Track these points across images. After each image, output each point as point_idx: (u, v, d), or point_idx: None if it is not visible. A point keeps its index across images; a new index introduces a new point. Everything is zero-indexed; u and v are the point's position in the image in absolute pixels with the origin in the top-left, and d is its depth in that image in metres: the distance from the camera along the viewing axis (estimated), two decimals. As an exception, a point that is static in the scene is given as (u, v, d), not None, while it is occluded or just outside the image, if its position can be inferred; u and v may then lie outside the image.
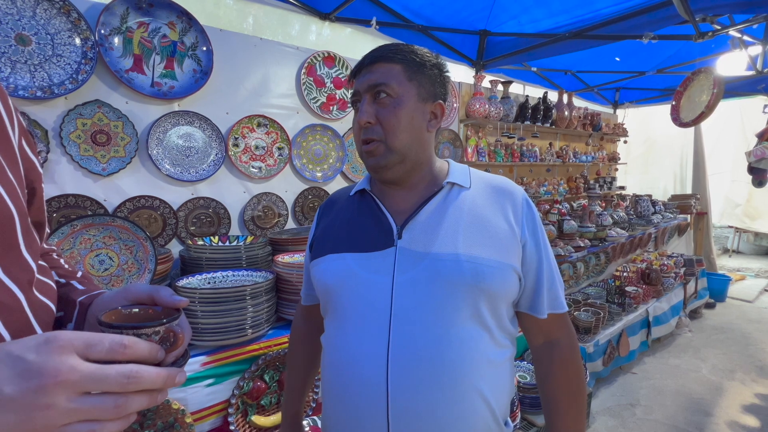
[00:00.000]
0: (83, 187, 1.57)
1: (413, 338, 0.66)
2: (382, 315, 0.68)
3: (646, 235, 3.75)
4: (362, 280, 0.71)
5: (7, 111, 0.49)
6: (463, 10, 2.62)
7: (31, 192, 0.54)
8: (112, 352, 0.37)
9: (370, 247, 0.72)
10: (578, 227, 2.97)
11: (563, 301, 0.77)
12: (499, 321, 0.72)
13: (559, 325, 0.78)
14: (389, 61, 0.71)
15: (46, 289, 0.50)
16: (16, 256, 0.44)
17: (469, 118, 2.95)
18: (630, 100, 4.84)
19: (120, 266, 1.15)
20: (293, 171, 2.17)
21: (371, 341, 0.68)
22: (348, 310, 0.72)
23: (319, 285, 0.78)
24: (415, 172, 0.75)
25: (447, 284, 0.67)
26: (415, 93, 0.72)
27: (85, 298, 0.55)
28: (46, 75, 1.46)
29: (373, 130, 0.71)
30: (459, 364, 0.66)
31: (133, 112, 1.65)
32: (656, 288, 3.26)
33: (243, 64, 1.93)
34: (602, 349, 2.57)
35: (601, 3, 2.34)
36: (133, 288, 0.52)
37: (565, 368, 0.77)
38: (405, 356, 0.66)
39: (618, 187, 4.65)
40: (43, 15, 1.43)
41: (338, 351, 0.73)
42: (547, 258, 0.76)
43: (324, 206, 0.88)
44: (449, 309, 0.67)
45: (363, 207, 0.79)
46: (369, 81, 0.71)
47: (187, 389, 1.19)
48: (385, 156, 0.71)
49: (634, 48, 2.97)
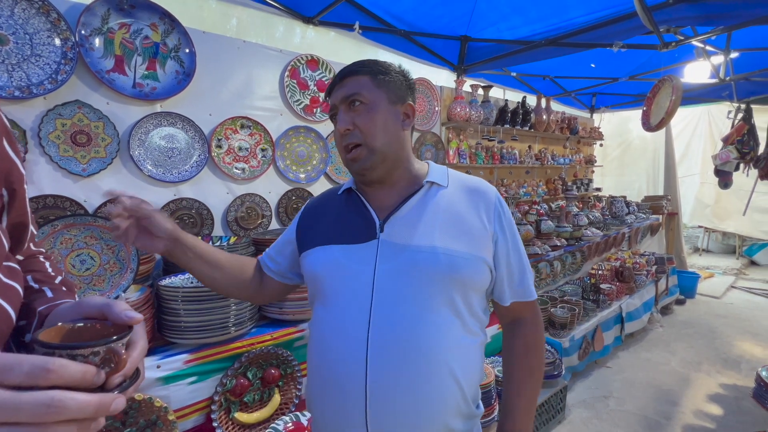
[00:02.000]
0: (62, 188, 1.56)
1: (391, 321, 0.73)
2: (364, 300, 0.74)
3: (620, 235, 3.90)
4: (347, 270, 0.77)
5: None
6: (444, 16, 2.69)
7: (11, 193, 0.53)
8: (32, 376, 0.32)
9: (355, 240, 0.79)
10: (555, 227, 3.07)
11: (532, 289, 0.86)
12: (470, 309, 0.78)
13: (526, 307, 0.86)
14: (356, 74, 0.79)
15: (8, 293, 0.48)
16: None
17: (451, 122, 3.02)
18: (606, 105, 5.02)
19: (102, 266, 1.16)
20: (277, 172, 2.19)
21: (353, 323, 0.74)
22: (333, 296, 0.78)
23: (308, 274, 0.84)
24: (395, 169, 0.82)
25: (424, 274, 0.74)
26: (385, 97, 0.79)
27: (44, 309, 0.52)
28: (25, 75, 1.45)
29: (353, 134, 0.77)
30: (432, 344, 0.73)
31: (114, 113, 1.65)
32: (629, 285, 3.40)
33: (226, 66, 1.95)
34: (578, 344, 2.67)
35: (574, 12, 2.45)
36: (86, 302, 0.48)
37: (525, 342, 0.85)
38: (383, 336, 0.72)
39: (594, 189, 4.82)
40: (22, 14, 1.42)
41: (323, 331, 0.79)
42: (516, 251, 0.83)
43: (310, 203, 0.94)
44: (425, 296, 0.74)
45: (349, 203, 0.86)
46: (342, 94, 0.79)
47: (169, 387, 1.21)
48: (368, 158, 0.78)
49: (608, 55, 3.10)
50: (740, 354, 3.21)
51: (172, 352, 1.24)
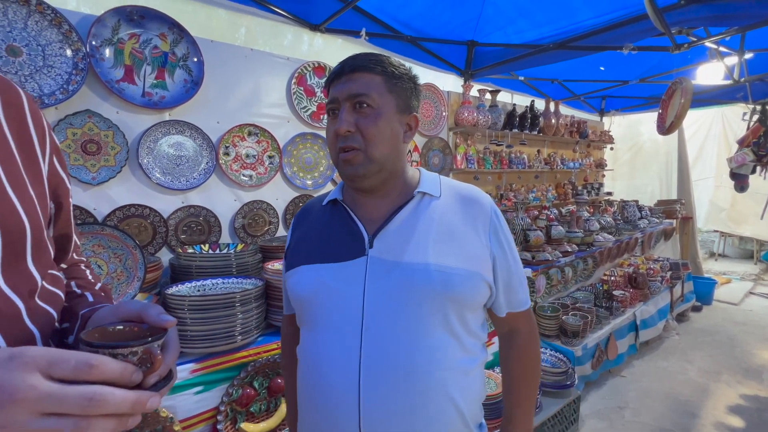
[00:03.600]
0: (73, 196, 1.58)
1: (384, 347, 0.68)
2: (354, 324, 0.69)
3: (633, 240, 3.82)
4: (334, 290, 0.72)
5: (39, 131, 0.53)
6: (451, 22, 2.69)
7: (58, 206, 0.57)
8: (77, 371, 0.35)
9: (342, 257, 0.73)
10: (566, 232, 3.02)
11: (527, 299, 0.84)
12: (467, 328, 0.74)
13: (521, 318, 0.84)
14: (370, 71, 0.71)
15: (52, 298, 0.52)
16: (21, 267, 0.47)
17: (458, 126, 3.01)
18: (616, 108, 4.96)
19: (109, 274, 1.16)
20: (284, 179, 2.19)
21: (343, 350, 0.69)
22: (321, 320, 0.73)
23: (293, 296, 0.78)
24: (389, 181, 0.77)
25: (417, 293, 0.69)
26: (394, 104, 0.73)
27: (86, 312, 0.56)
28: (37, 85, 1.47)
29: (353, 138, 0.71)
30: (429, 371, 0.68)
31: (123, 122, 1.66)
32: (643, 292, 3.32)
33: (234, 74, 1.96)
34: (591, 352, 2.60)
35: (583, 15, 2.42)
36: (124, 305, 0.52)
37: (521, 354, 0.83)
38: (376, 364, 0.67)
39: (605, 193, 4.74)
40: (35, 27, 1.45)
41: (311, 360, 0.74)
42: (516, 263, 0.81)
43: (298, 216, 0.89)
44: (419, 317, 0.69)
45: (335, 216, 0.80)
46: (350, 90, 0.70)
47: (175, 397, 1.20)
48: (364, 165, 0.71)
49: (618, 58, 3.07)
50: (762, 363, 3.10)
51: (178, 362, 1.23)
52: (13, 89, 0.52)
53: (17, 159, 0.49)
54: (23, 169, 0.49)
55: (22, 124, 0.51)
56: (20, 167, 0.49)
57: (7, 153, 0.47)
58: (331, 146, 0.75)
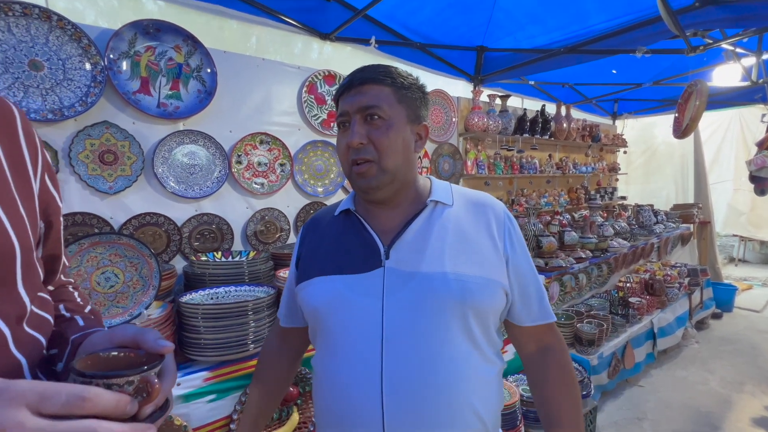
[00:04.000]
0: (90, 205, 1.62)
1: (406, 361, 0.67)
2: (374, 338, 0.68)
3: (649, 245, 3.74)
4: (352, 303, 0.71)
5: (30, 148, 0.52)
6: (460, 27, 2.69)
7: (48, 225, 0.55)
8: (69, 405, 0.33)
9: (358, 269, 0.73)
10: (579, 238, 2.97)
11: (551, 310, 0.80)
12: (487, 337, 0.73)
13: (549, 332, 0.80)
14: (379, 83, 0.72)
15: (40, 323, 0.50)
16: (10, 291, 0.45)
17: (468, 132, 3.00)
18: (628, 111, 4.88)
19: (125, 283, 1.18)
20: (295, 186, 2.21)
21: (364, 366, 0.68)
22: (338, 334, 0.72)
23: (307, 308, 0.77)
24: (402, 191, 0.77)
25: (436, 303, 0.68)
26: (405, 115, 0.74)
27: (78, 337, 0.53)
28: (57, 98, 1.51)
29: (366, 150, 0.71)
30: (452, 382, 0.67)
31: (139, 132, 1.70)
32: (660, 298, 3.24)
33: (246, 83, 1.99)
34: (607, 361, 2.54)
35: (595, 19, 2.40)
36: (119, 330, 0.49)
37: (562, 373, 0.78)
38: (399, 379, 0.66)
39: (619, 197, 4.66)
40: (56, 42, 1.50)
41: (331, 377, 0.73)
42: (531, 270, 0.79)
43: (308, 225, 0.88)
44: (440, 328, 0.68)
45: (348, 227, 0.79)
46: (360, 102, 0.71)
47: (189, 405, 1.20)
48: (377, 177, 0.71)
49: (630, 61, 3.03)
50: (787, 373, 2.99)
51: (191, 370, 1.25)
52: (7, 106, 0.51)
53: (8, 177, 0.48)
54: (14, 187, 0.48)
55: (15, 141, 0.50)
56: (11, 186, 0.48)
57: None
58: (343, 159, 0.75)
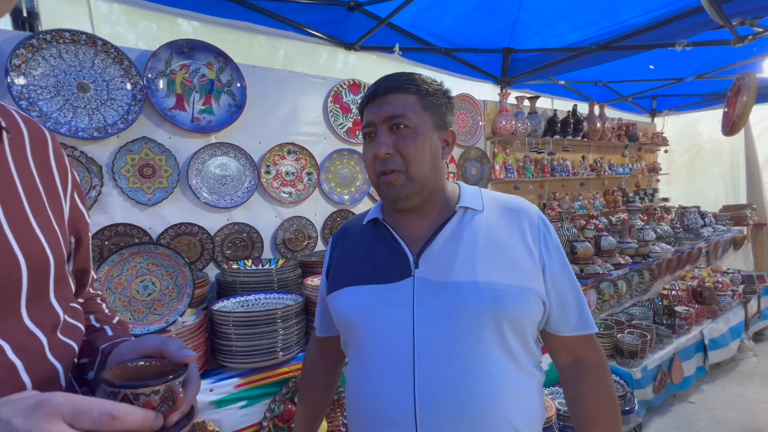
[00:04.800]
0: (131, 217, 1.71)
1: (439, 374, 0.65)
2: (405, 350, 0.67)
3: (696, 250, 3.48)
4: (381, 313, 0.70)
5: (60, 168, 0.56)
6: (486, 30, 2.65)
7: (78, 241, 0.59)
8: (99, 423, 0.36)
9: (387, 279, 0.72)
10: (618, 243, 2.82)
11: (592, 320, 0.76)
12: (526, 347, 0.70)
13: (586, 345, 0.75)
14: (404, 91, 0.71)
15: (73, 332, 0.53)
16: (44, 302, 0.48)
17: (496, 135, 2.93)
18: (669, 108, 4.62)
19: (161, 291, 1.23)
20: (322, 195, 2.24)
21: (396, 379, 0.67)
22: (369, 345, 0.71)
23: (338, 319, 0.78)
24: (430, 199, 0.75)
25: (468, 314, 0.66)
26: (431, 122, 0.73)
27: (107, 346, 0.56)
28: (102, 117, 1.62)
29: (393, 160, 0.70)
30: (488, 397, 0.65)
31: (175, 146, 1.79)
32: (711, 308, 3.00)
33: (274, 95, 2.05)
34: (651, 374, 2.38)
35: (628, 14, 2.30)
36: (144, 341, 0.52)
37: (596, 388, 0.74)
38: (432, 393, 0.65)
39: (661, 199, 4.39)
40: (101, 65, 1.60)
41: (363, 389, 0.72)
42: (570, 277, 0.75)
43: (338, 235, 0.88)
44: (473, 340, 0.66)
45: (377, 236, 0.79)
46: (385, 112, 0.70)
47: (221, 411, 1.23)
48: (406, 186, 0.70)
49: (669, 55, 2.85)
50: None
51: (224, 376, 1.28)
52: (40, 130, 0.55)
53: (43, 196, 0.51)
54: (48, 204, 0.52)
55: (46, 162, 0.54)
56: (45, 203, 0.51)
57: (34, 189, 0.50)
58: (370, 169, 0.74)
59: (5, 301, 0.43)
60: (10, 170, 0.47)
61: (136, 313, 1.19)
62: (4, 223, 0.44)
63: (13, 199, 0.46)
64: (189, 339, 1.21)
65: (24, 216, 0.47)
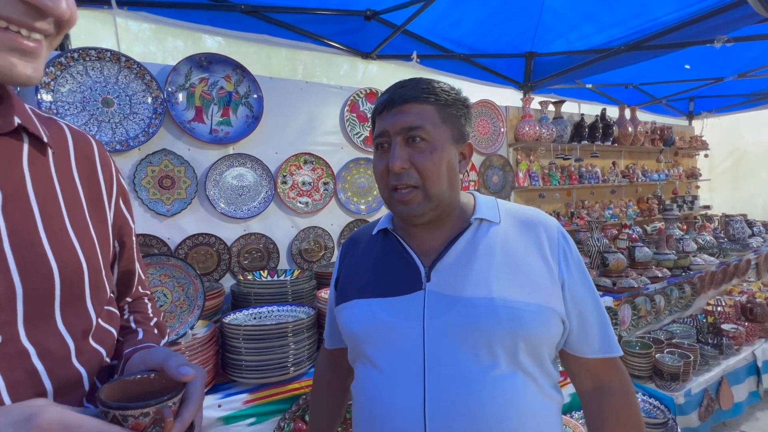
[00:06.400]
0: (151, 227, 1.74)
1: (451, 392, 0.61)
2: (415, 365, 0.64)
3: (744, 262, 3.20)
4: (391, 327, 0.67)
5: (107, 176, 0.59)
6: (506, 35, 2.58)
7: (122, 245, 0.62)
8: None
9: (397, 291, 0.69)
10: (654, 254, 2.62)
11: (617, 343, 0.70)
12: (541, 367, 0.66)
13: (610, 369, 0.70)
14: (423, 101, 0.67)
15: (104, 337, 0.55)
16: (78, 307, 0.50)
17: (519, 142, 2.83)
18: (708, 110, 4.34)
19: (173, 302, 1.22)
20: (338, 204, 2.21)
21: (406, 395, 0.64)
22: (378, 360, 0.68)
23: (345, 332, 0.75)
24: (444, 213, 0.71)
25: (482, 332, 0.62)
26: (450, 135, 0.69)
27: (129, 352, 0.57)
28: (124, 130, 1.66)
29: (408, 175, 0.66)
30: (503, 418, 0.61)
31: (194, 158, 1.81)
32: (763, 326, 2.73)
33: (290, 106, 2.06)
34: (696, 399, 2.17)
35: (660, 11, 2.17)
36: (152, 353, 0.52)
37: (620, 417, 0.69)
38: (443, 412, 0.61)
39: (702, 207, 4.10)
40: (124, 80, 1.66)
41: (371, 405, 0.69)
42: (592, 295, 0.69)
43: (347, 245, 0.86)
44: (487, 359, 0.62)
45: (387, 247, 0.76)
46: (402, 123, 0.66)
47: (230, 427, 1.20)
48: (422, 205, 0.67)
49: (707, 53, 2.68)
50: None
51: (233, 392, 1.25)
52: (85, 139, 0.58)
53: (83, 204, 0.54)
54: (88, 212, 0.54)
55: (92, 171, 0.57)
56: (85, 212, 0.54)
57: (76, 200, 0.53)
58: (382, 183, 0.71)
59: (39, 307, 0.45)
60: (53, 184, 0.50)
61: (148, 325, 1.18)
62: (43, 235, 0.46)
63: (54, 212, 0.49)
64: (199, 352, 1.19)
65: (62, 227, 0.49)
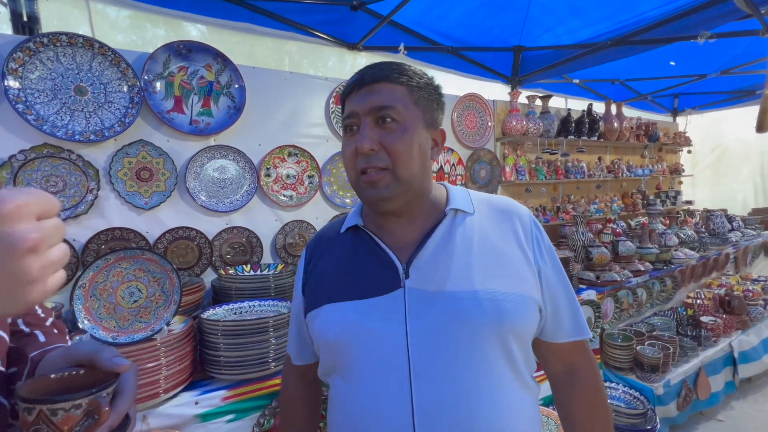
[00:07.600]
0: (128, 221, 1.68)
1: (440, 396, 0.59)
2: (400, 371, 0.60)
3: (723, 256, 3.28)
4: (370, 332, 0.63)
5: None
6: (495, 28, 2.57)
7: None
8: None
9: (374, 292, 0.65)
10: (637, 248, 2.66)
11: (586, 325, 0.72)
12: (527, 360, 0.66)
13: (580, 350, 0.72)
14: (393, 81, 0.65)
15: None
16: None
17: (506, 136, 2.83)
18: (692, 106, 4.40)
19: (148, 298, 1.18)
20: (323, 198, 2.18)
21: (392, 404, 0.60)
22: (358, 368, 0.63)
23: (319, 341, 0.69)
24: (416, 202, 0.69)
25: (468, 327, 0.60)
26: (421, 118, 0.66)
27: (37, 354, 0.52)
28: (99, 120, 1.60)
29: (377, 157, 0.63)
30: (494, 419, 0.59)
31: (173, 149, 1.76)
32: (740, 318, 2.80)
33: (274, 97, 2.01)
34: (675, 390, 2.22)
35: (646, 6, 2.17)
36: (77, 348, 0.48)
37: (586, 394, 0.71)
38: (432, 413, 0.58)
39: (684, 202, 4.18)
40: (98, 67, 1.59)
41: (352, 421, 0.64)
42: (562, 280, 0.70)
43: (311, 246, 0.79)
44: (475, 356, 0.60)
45: (358, 245, 0.71)
46: (372, 103, 0.63)
47: (207, 425, 1.17)
48: (391, 187, 0.63)
49: (691, 49, 2.71)
50: None
51: (210, 388, 1.22)
52: None
53: None
54: None
55: None
56: None
57: None
58: (350, 166, 0.67)
59: None
60: None
61: (122, 321, 1.14)
62: None
63: None
64: (175, 348, 1.16)
65: None
